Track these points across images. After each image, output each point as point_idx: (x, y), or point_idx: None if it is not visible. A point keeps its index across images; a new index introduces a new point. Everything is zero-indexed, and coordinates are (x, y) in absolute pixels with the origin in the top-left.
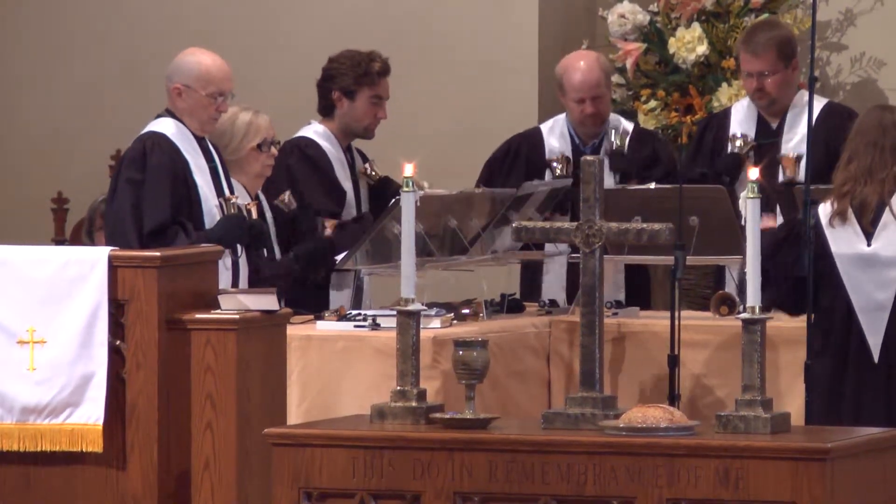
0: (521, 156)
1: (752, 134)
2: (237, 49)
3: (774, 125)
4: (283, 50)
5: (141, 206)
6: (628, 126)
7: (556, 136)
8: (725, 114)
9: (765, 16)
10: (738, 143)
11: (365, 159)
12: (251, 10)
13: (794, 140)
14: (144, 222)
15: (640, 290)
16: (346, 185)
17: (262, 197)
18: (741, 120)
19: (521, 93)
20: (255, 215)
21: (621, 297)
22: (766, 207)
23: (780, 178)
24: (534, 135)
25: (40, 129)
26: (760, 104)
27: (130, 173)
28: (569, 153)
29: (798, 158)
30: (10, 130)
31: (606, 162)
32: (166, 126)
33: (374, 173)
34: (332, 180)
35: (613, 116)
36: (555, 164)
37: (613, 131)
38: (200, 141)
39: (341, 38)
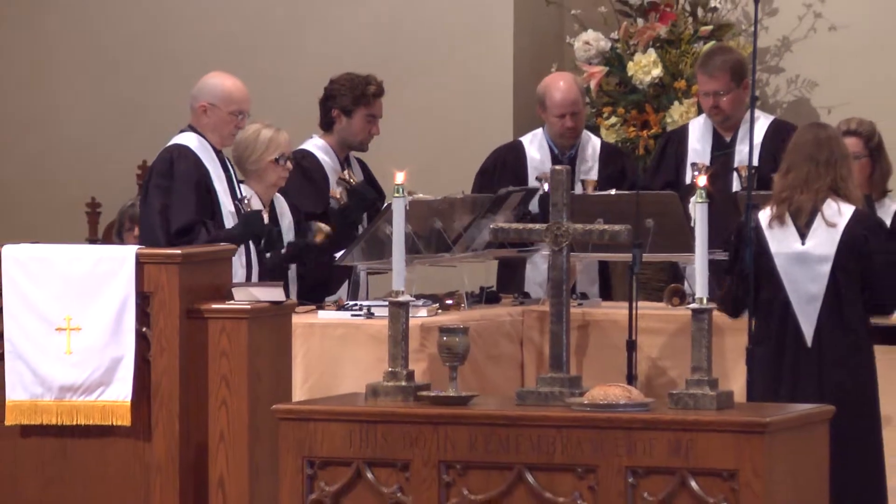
0: (507, 164)
1: (708, 147)
2: (251, 71)
3: (728, 138)
4: (290, 71)
5: (169, 209)
6: (596, 144)
7: (535, 147)
8: (684, 129)
9: (712, 43)
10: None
11: (365, 169)
12: (264, 38)
13: (746, 151)
14: (172, 223)
15: (602, 284)
16: (340, 191)
17: (275, 202)
18: (698, 135)
19: (498, 110)
20: (266, 220)
21: (595, 289)
22: None
23: (736, 185)
24: (516, 146)
25: (76, 142)
26: (716, 120)
27: (159, 180)
28: (548, 162)
29: (749, 168)
30: (49, 144)
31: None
32: (189, 139)
33: (351, 178)
34: (320, 188)
35: (585, 133)
36: (543, 182)
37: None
38: (218, 153)
39: (341, 63)
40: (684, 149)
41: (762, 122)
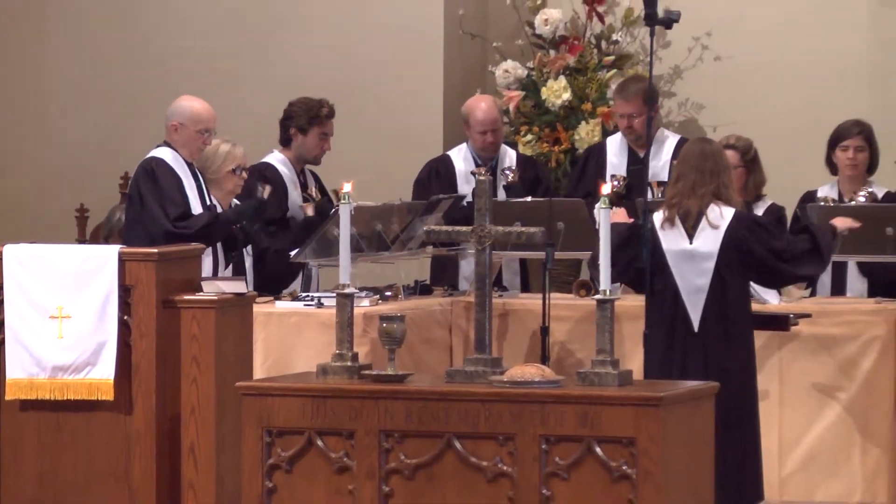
0: (438, 174)
1: (624, 161)
2: (220, 95)
3: (641, 155)
4: (253, 95)
5: (164, 203)
6: (513, 158)
7: (461, 158)
8: (602, 146)
9: (614, 71)
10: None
11: (317, 180)
12: (231, 66)
13: (658, 166)
14: (169, 213)
15: (520, 277)
16: (297, 199)
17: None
18: (616, 150)
19: (430, 128)
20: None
21: (517, 281)
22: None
23: (651, 195)
24: (445, 158)
25: (67, 156)
26: (630, 138)
27: (148, 184)
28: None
29: (660, 183)
30: (45, 157)
31: (504, 193)
32: (164, 153)
33: (317, 196)
34: (280, 195)
35: (503, 147)
36: (478, 176)
37: (507, 170)
38: (189, 165)
39: (297, 88)
40: (603, 162)
41: (671, 140)
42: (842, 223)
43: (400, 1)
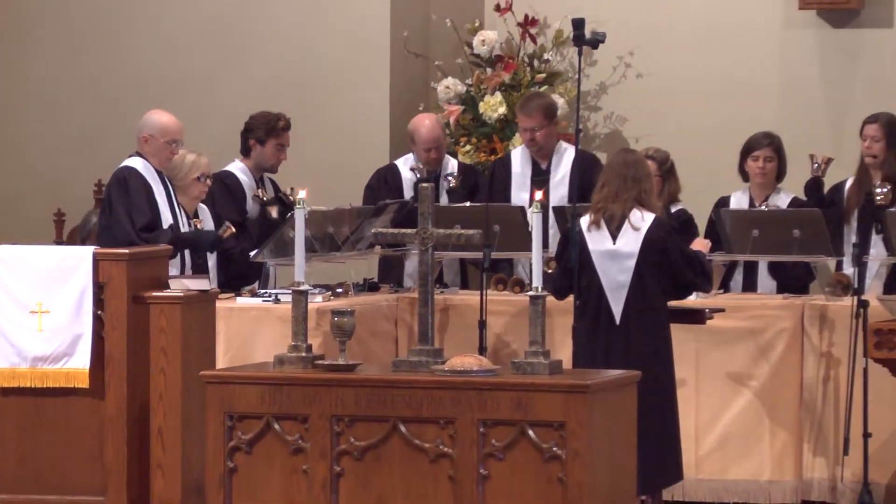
0: (387, 182)
1: (529, 171)
2: (186, 108)
3: (544, 166)
4: (217, 108)
5: (131, 213)
6: (455, 166)
7: (408, 168)
8: (507, 157)
9: (545, 88)
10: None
11: (277, 188)
12: (196, 81)
13: (559, 176)
14: (136, 222)
15: (460, 275)
16: (255, 205)
17: (199, 211)
18: (520, 162)
19: (377, 139)
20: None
21: (457, 280)
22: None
23: (554, 201)
24: (393, 167)
25: (45, 164)
26: (532, 150)
27: (119, 193)
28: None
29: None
30: (25, 165)
31: (446, 197)
32: (136, 163)
33: (264, 196)
34: (239, 201)
35: (446, 157)
36: (416, 172)
37: (450, 176)
38: (159, 173)
39: (257, 102)
40: (508, 173)
41: (570, 152)
42: (701, 246)
43: (350, 22)
